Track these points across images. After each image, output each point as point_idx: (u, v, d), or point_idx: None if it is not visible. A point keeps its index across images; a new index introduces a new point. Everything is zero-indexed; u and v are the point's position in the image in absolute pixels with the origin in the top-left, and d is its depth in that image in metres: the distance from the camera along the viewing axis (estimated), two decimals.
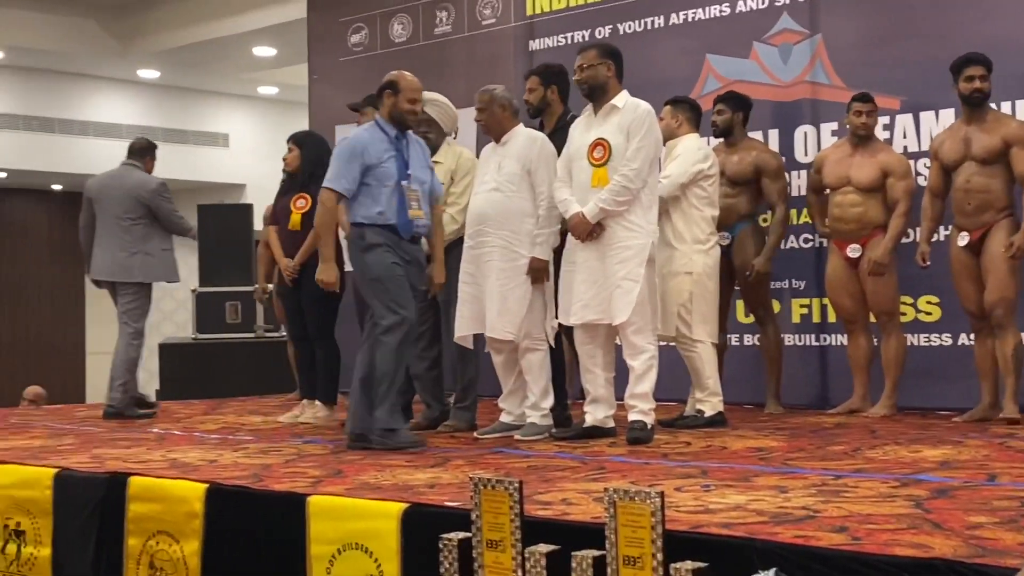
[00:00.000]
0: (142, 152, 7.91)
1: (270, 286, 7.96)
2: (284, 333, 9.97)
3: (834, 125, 7.30)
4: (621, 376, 5.70)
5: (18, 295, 16.95)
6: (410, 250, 5.59)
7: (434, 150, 6.28)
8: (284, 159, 7.14)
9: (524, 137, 5.95)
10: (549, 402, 5.86)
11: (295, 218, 6.91)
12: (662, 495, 2.91)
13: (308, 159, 6.98)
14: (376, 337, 5.50)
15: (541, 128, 6.18)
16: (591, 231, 5.52)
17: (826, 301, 7.14)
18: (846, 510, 3.47)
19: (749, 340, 7.38)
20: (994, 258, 6.13)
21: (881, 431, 5.85)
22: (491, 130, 6.02)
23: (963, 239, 6.26)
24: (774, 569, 2.69)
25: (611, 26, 8.18)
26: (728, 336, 6.94)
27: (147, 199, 7.68)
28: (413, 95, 5.59)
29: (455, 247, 6.18)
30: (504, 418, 5.97)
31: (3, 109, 14.71)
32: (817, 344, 7.41)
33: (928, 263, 6.45)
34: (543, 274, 5.81)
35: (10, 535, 5.00)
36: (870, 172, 6.58)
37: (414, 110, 5.62)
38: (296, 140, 7.18)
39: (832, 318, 7.16)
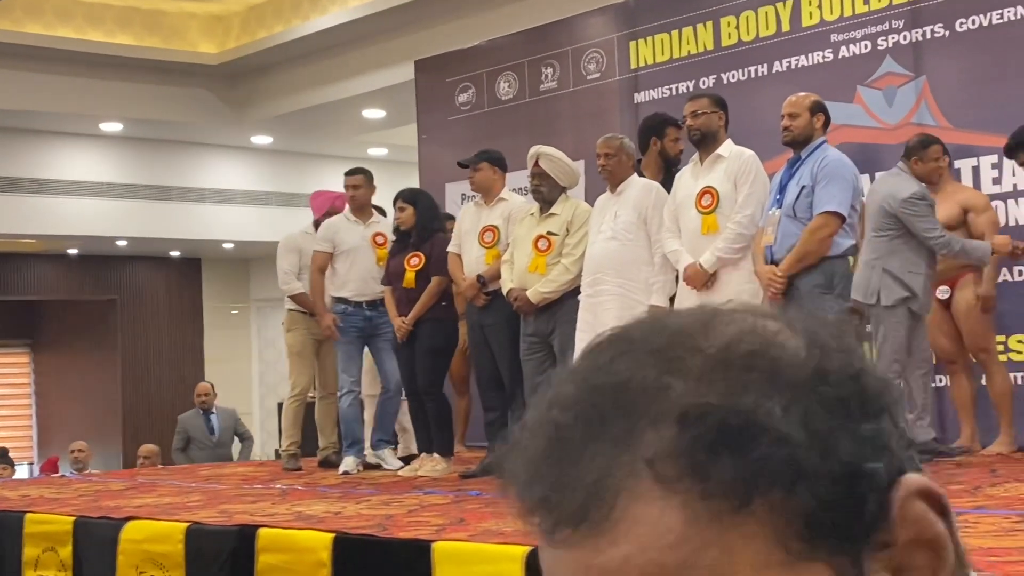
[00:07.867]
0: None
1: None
2: None
3: None
4: None
5: (138, 360, 17.39)
6: None
7: (548, 203, 6.40)
8: (397, 218, 7.20)
9: (640, 186, 6.06)
10: None
11: (409, 276, 6.99)
12: None
13: (422, 216, 7.11)
14: None
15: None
16: (707, 281, 5.58)
17: None
18: (970, 544, 3.47)
19: None
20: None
21: (1001, 470, 5.79)
22: (614, 176, 6.11)
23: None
24: None
25: (715, 76, 8.22)
26: None
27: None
28: None
29: (568, 297, 6.28)
30: None
31: (122, 179, 15.12)
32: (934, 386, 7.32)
33: None
34: None
35: None
36: (948, 210, 6.51)
37: None
38: (407, 198, 7.22)
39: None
